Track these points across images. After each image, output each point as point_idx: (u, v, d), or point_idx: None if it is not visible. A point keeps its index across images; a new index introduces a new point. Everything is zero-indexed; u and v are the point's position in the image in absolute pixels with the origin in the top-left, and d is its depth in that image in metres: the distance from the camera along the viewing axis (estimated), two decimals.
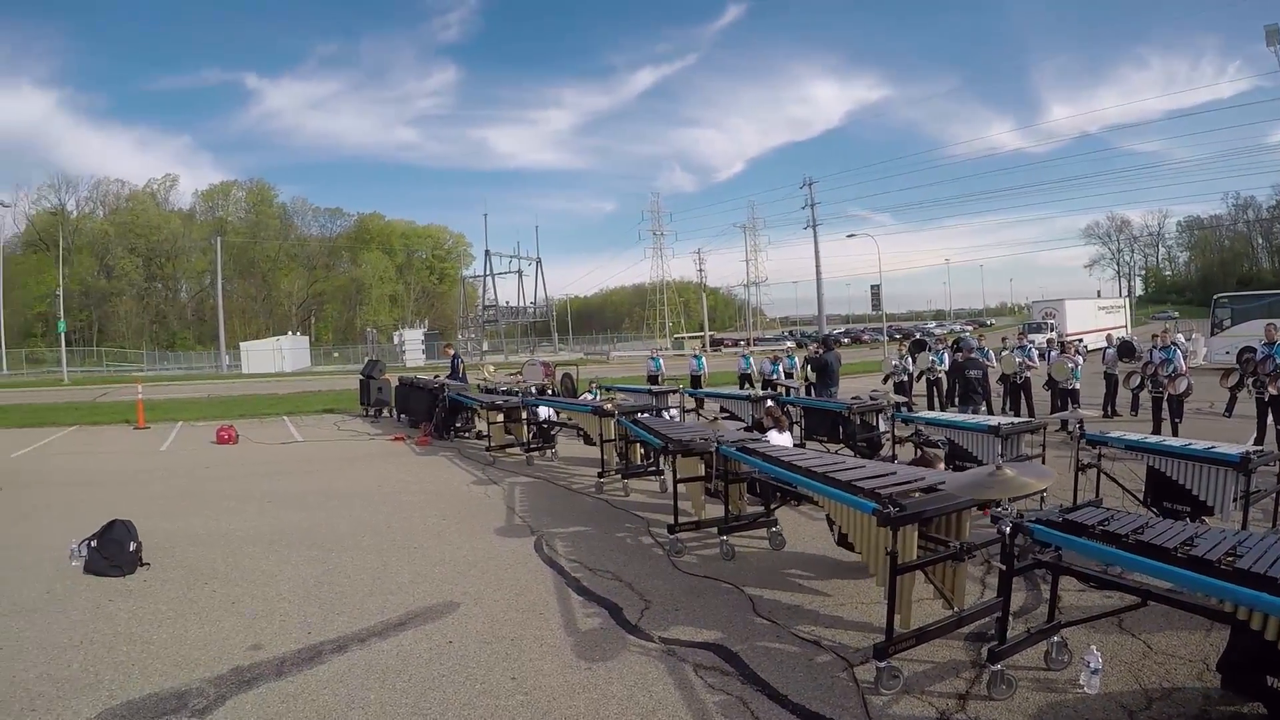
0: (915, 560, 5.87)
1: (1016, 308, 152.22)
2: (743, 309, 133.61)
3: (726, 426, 10.74)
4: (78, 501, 12.80)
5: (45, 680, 5.91)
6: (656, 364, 27.15)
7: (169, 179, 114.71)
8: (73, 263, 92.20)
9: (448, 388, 19.69)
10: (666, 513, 10.31)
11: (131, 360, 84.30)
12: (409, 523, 10.82)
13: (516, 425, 16.06)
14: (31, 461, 18.06)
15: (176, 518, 11.39)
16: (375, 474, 14.90)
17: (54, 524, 11.10)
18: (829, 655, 5.98)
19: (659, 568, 8.43)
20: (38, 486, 14.43)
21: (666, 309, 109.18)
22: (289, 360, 74.06)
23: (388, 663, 6.07)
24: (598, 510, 11.30)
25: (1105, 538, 5.03)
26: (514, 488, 13.05)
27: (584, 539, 9.67)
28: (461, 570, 8.48)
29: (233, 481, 14.48)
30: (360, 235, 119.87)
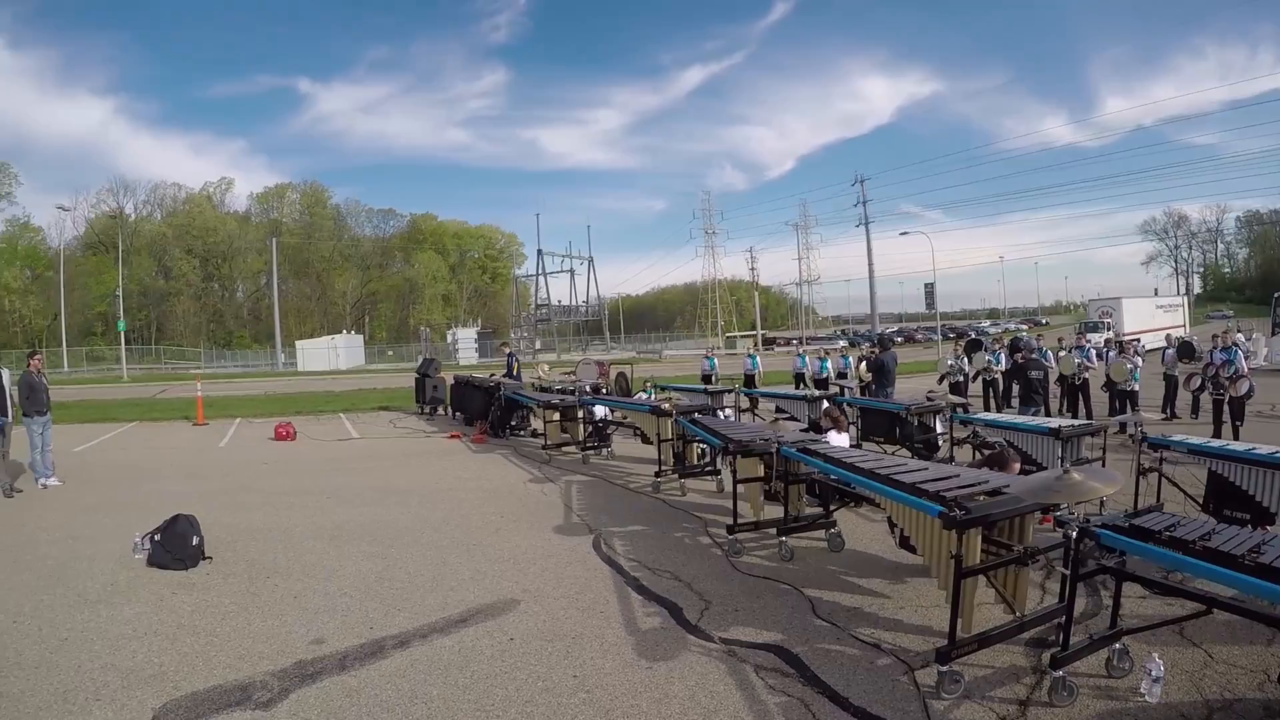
0: (979, 564, 5.79)
1: (1072, 306, 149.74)
2: (794, 308, 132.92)
3: (787, 427, 10.67)
4: (139, 495, 13.07)
5: (110, 670, 6.01)
6: (711, 363, 27.08)
7: (224, 182, 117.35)
8: (131, 264, 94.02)
9: (504, 386, 19.84)
10: (724, 513, 10.32)
11: (189, 358, 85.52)
12: (467, 519, 10.89)
13: (572, 424, 16.12)
14: (94, 455, 18.46)
15: (238, 512, 11.57)
16: (432, 471, 15.03)
17: (117, 517, 11.34)
18: (889, 658, 5.91)
19: (718, 568, 8.39)
20: (100, 480, 14.73)
21: (719, 308, 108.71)
22: (344, 358, 74.84)
23: (450, 659, 6.08)
24: (655, 510, 11.29)
25: (1172, 544, 4.94)
26: (571, 486, 13.08)
27: (642, 538, 9.66)
28: (521, 567, 8.50)
29: (292, 477, 14.72)
30: (413, 235, 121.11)
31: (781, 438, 9.13)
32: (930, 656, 5.71)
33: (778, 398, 18.21)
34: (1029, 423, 11.44)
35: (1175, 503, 8.72)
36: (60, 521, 11.31)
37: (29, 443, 13.89)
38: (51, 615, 7.31)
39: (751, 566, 8.42)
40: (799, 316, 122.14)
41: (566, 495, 12.39)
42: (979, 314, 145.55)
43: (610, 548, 9.25)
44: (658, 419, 12.81)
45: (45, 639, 6.71)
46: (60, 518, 11.56)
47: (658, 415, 12.82)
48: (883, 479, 6.78)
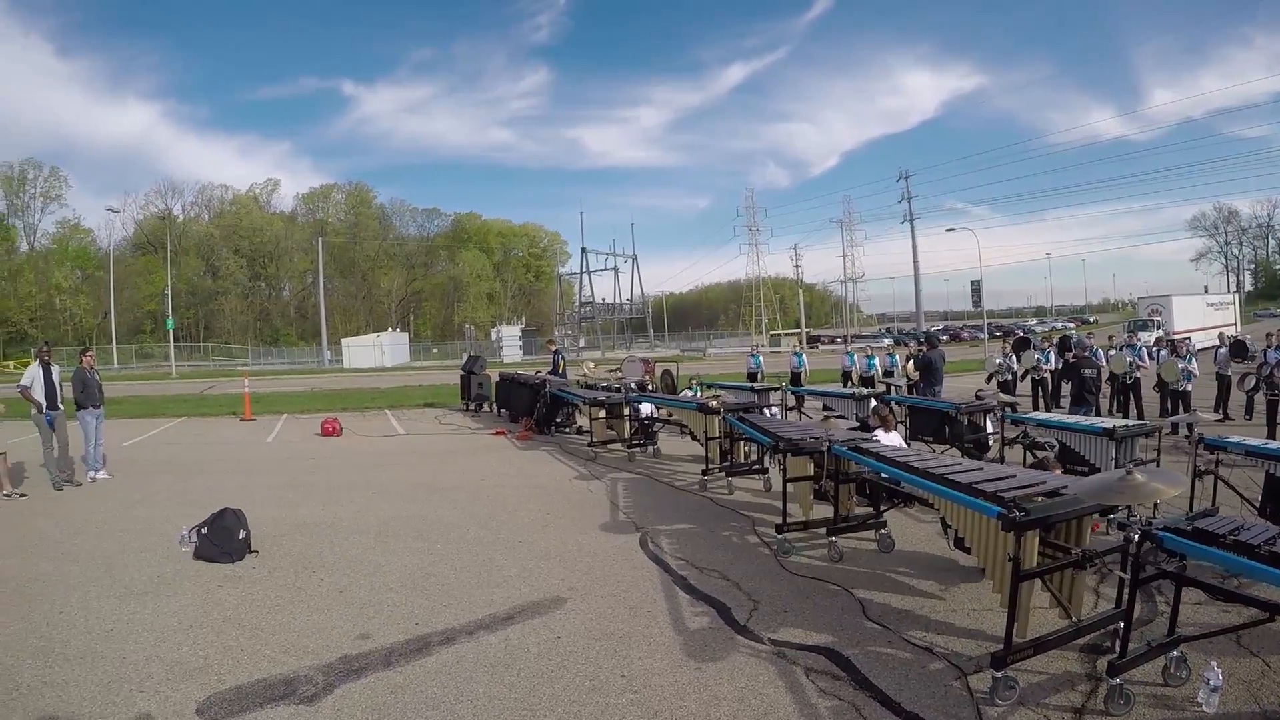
0: (1037, 567, 5.62)
1: (1120, 304, 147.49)
2: (838, 305, 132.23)
3: (838, 425, 10.51)
4: (187, 489, 13.18)
5: (154, 662, 5.99)
6: (756, 361, 26.95)
7: (270, 183, 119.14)
8: (180, 264, 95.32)
9: (549, 383, 19.77)
10: (771, 512, 10.24)
11: (237, 355, 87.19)
12: (513, 516, 10.83)
13: (618, 421, 16.05)
14: (143, 450, 18.65)
15: (284, 507, 11.62)
16: (478, 467, 15.00)
17: (164, 510, 11.47)
18: (942, 662, 5.76)
19: (766, 568, 8.25)
20: (149, 474, 14.86)
21: (763, 306, 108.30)
22: (389, 356, 75.41)
23: (496, 656, 6.00)
24: (702, 508, 11.15)
25: (1237, 548, 4.74)
26: (616, 483, 12.99)
27: (689, 537, 9.53)
28: (567, 565, 8.41)
29: (338, 472, 14.76)
30: (457, 234, 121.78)
31: (832, 436, 9.00)
32: (984, 661, 5.58)
33: (824, 396, 18.06)
34: (1082, 423, 11.18)
35: (1230, 506, 8.41)
36: (109, 514, 11.41)
37: (82, 436, 14.03)
38: (98, 607, 7.33)
39: (800, 566, 8.28)
40: (843, 314, 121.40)
41: (613, 493, 12.29)
42: (1025, 312, 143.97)
43: (657, 546, 9.14)
44: (705, 417, 12.68)
45: (91, 630, 6.72)
46: (109, 511, 11.67)
47: (705, 413, 12.70)
48: (937, 479, 6.63)
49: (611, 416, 16.16)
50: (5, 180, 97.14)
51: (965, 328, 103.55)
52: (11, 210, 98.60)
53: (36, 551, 9.44)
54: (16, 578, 8.35)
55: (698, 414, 12.98)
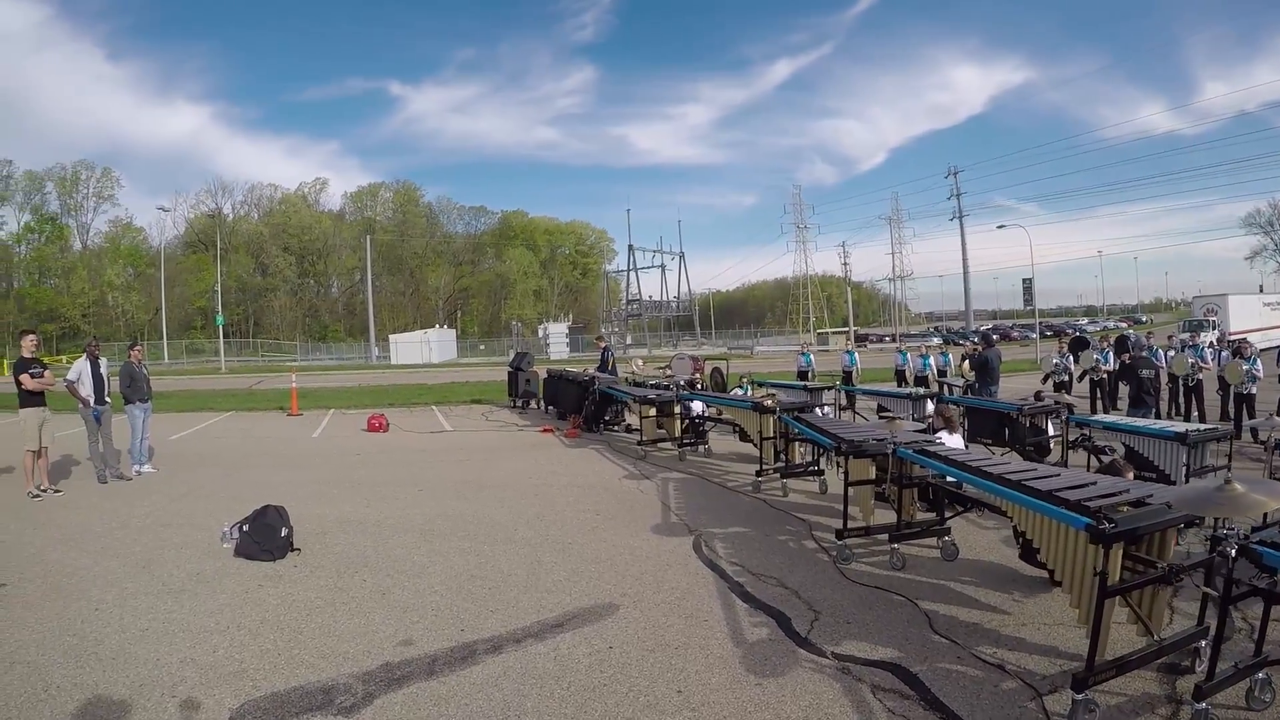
0: (1124, 582, 5.22)
1: (1172, 303, 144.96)
2: (885, 304, 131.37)
3: (902, 426, 10.07)
4: (231, 484, 13.03)
5: (189, 665, 5.75)
6: (807, 359, 26.44)
7: (319, 182, 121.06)
8: (230, 261, 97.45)
9: (598, 380, 19.44)
10: (829, 515, 9.94)
11: (285, 351, 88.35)
12: (562, 516, 10.50)
13: (669, 420, 15.65)
14: (189, 444, 18.58)
15: (328, 503, 11.40)
16: (526, 465, 14.69)
17: (207, 505, 11.31)
18: (1015, 681, 5.35)
19: (826, 575, 7.86)
20: (194, 468, 14.75)
21: (811, 304, 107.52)
22: (436, 352, 75.67)
23: (545, 667, 5.68)
24: (756, 510, 10.75)
25: None
26: (667, 483, 12.62)
27: (744, 541, 9.15)
28: (619, 569, 8.07)
29: (383, 469, 14.54)
30: (504, 232, 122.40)
31: (897, 438, 8.62)
32: (1060, 681, 5.28)
33: (879, 395, 17.59)
34: (1151, 426, 10.73)
35: None
36: (151, 509, 11.25)
37: (130, 429, 13.95)
38: (134, 604, 7.12)
39: (861, 574, 7.88)
40: (891, 313, 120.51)
41: (664, 493, 11.93)
42: (1074, 311, 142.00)
43: (712, 550, 8.77)
44: (760, 416, 12.24)
45: (126, 629, 6.50)
46: (152, 505, 11.50)
47: (760, 412, 12.26)
48: (1014, 485, 6.21)
49: (662, 415, 15.78)
50: (59, 181, 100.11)
51: (1015, 327, 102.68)
52: (65, 210, 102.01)
53: (77, 545, 9.27)
54: (55, 572, 8.18)
55: (752, 413, 12.54)
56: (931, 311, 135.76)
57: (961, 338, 77.46)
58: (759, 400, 12.77)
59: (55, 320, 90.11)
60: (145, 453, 14.17)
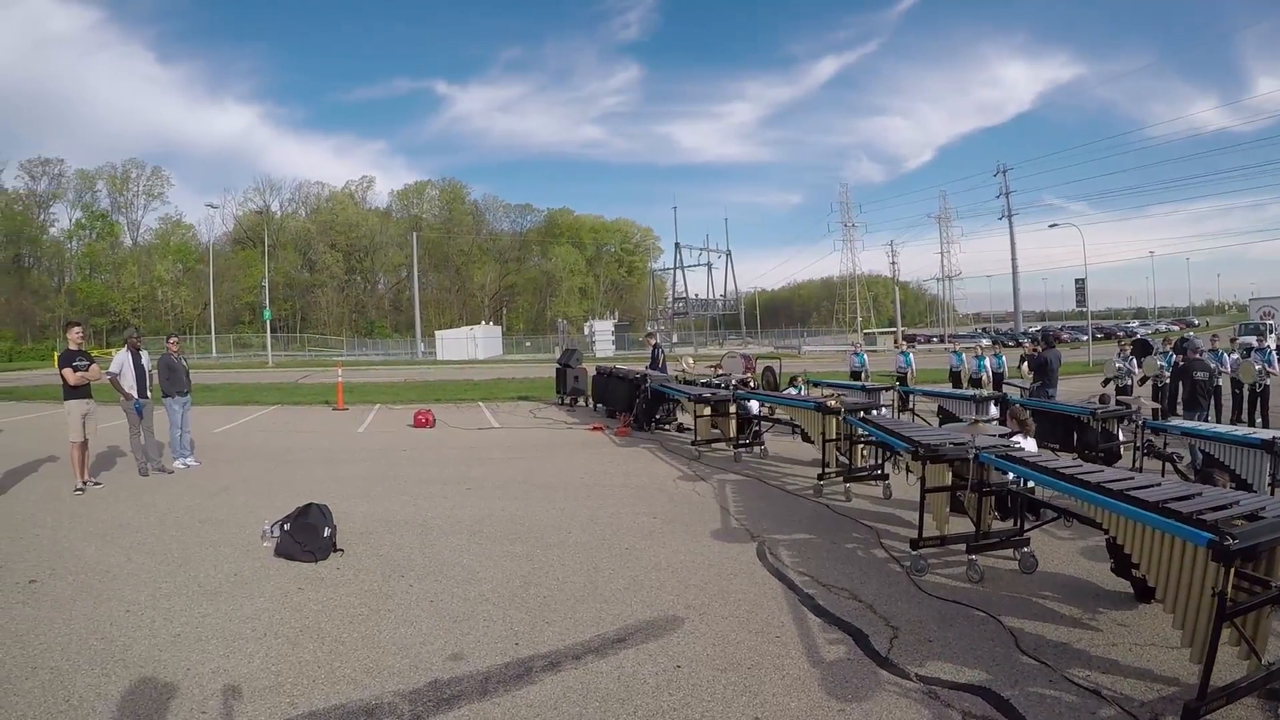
0: (1240, 603, 4.82)
1: (1225, 306, 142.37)
2: (932, 304, 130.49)
3: (985, 430, 9.39)
4: (274, 479, 12.71)
5: (220, 675, 5.36)
6: (860, 359, 25.75)
7: (366, 180, 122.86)
8: (277, 258, 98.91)
9: (650, 378, 18.90)
10: (895, 522, 9.51)
11: (332, 346, 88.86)
12: (617, 519, 9.99)
13: (723, 419, 15.13)
14: (233, 438, 18.33)
15: (373, 501, 11.00)
16: (576, 464, 14.20)
17: (249, 500, 10.99)
18: (1113, 708, 4.86)
19: (900, 588, 7.32)
20: (237, 462, 14.46)
21: (858, 303, 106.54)
22: (482, 348, 75.50)
23: (608, 688, 5.18)
24: (819, 516, 10.20)
25: None
26: (724, 485, 12.08)
27: (810, 548, 8.62)
28: (681, 578, 7.56)
29: (430, 466, 14.11)
30: (550, 230, 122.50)
31: (977, 442, 8.05)
32: (1163, 709, 4.90)
33: (939, 397, 16.91)
34: (1235, 433, 10.05)
35: None
36: (192, 503, 10.91)
37: (169, 422, 13.70)
38: (168, 606, 6.74)
39: (937, 587, 7.34)
40: (938, 313, 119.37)
41: (721, 495, 11.40)
42: (1124, 313, 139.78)
43: (777, 558, 8.23)
44: (823, 417, 11.67)
45: (157, 633, 6.11)
46: (192, 499, 11.17)
47: (824, 413, 11.66)
48: (1118, 495, 5.67)
49: (717, 415, 15.25)
50: (110, 179, 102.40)
51: (1065, 328, 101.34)
52: (115, 207, 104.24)
53: (113, 541, 8.94)
54: (88, 569, 7.84)
55: (814, 414, 11.94)
56: (978, 312, 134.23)
57: (1011, 339, 76.56)
58: (822, 400, 12.18)
59: (105, 314, 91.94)
60: (187, 446, 13.89)
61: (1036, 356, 17.96)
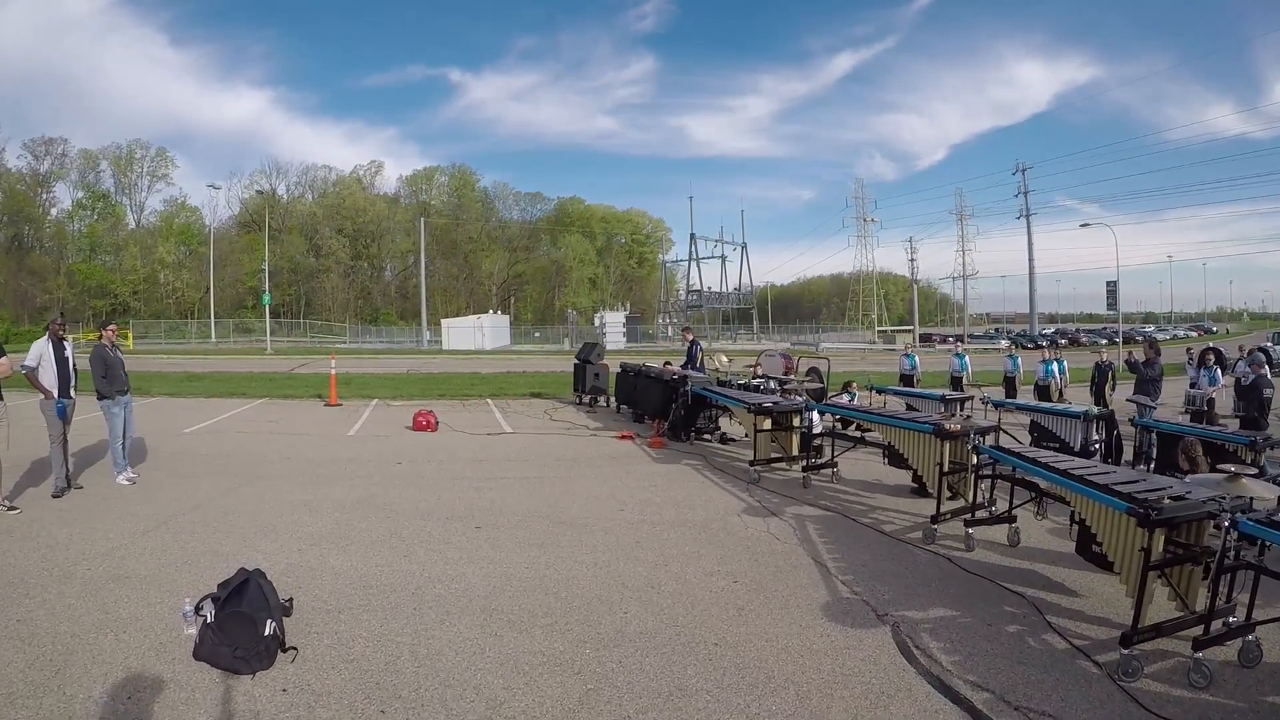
0: None
1: (1238, 312, 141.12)
2: (942, 303, 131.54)
3: (1250, 486, 6.43)
4: (233, 505, 10.07)
5: None
6: (911, 361, 23.08)
7: (374, 165, 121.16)
8: (283, 242, 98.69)
9: (691, 380, 16.13)
10: (1046, 586, 7.41)
11: (336, 333, 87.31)
12: (684, 583, 7.33)
13: (786, 434, 12.63)
14: (203, 440, 15.67)
15: (351, 547, 8.30)
16: (610, 487, 11.57)
17: (191, 542, 8.36)
18: None
19: (1114, 704, 5.01)
20: (194, 477, 11.80)
21: (875, 300, 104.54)
22: (489, 338, 73.43)
23: None
24: (947, 575, 7.70)
25: None
26: (804, 524, 9.51)
27: (963, 635, 6.15)
28: (804, 695, 5.03)
29: (429, 488, 11.43)
30: (560, 219, 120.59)
31: (1237, 502, 5.51)
32: None
33: (1034, 410, 14.17)
34: None
35: None
36: (115, 544, 8.24)
37: (109, 431, 11.11)
38: None
39: (1162, 700, 5.03)
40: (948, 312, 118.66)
41: (806, 540, 8.81)
42: (1133, 317, 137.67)
43: (927, 654, 5.74)
44: (943, 444, 9.09)
45: None
46: (118, 537, 8.50)
47: (942, 437, 9.04)
48: None
49: (778, 428, 12.69)
50: (114, 159, 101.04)
51: (1082, 331, 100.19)
52: (119, 188, 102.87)
53: None
54: None
55: (929, 438, 9.34)
56: (989, 312, 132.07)
57: (1029, 341, 74.95)
58: (942, 421, 9.48)
59: (105, 297, 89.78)
60: (126, 458, 11.35)
61: (1145, 364, 15.61)
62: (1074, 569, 7.76)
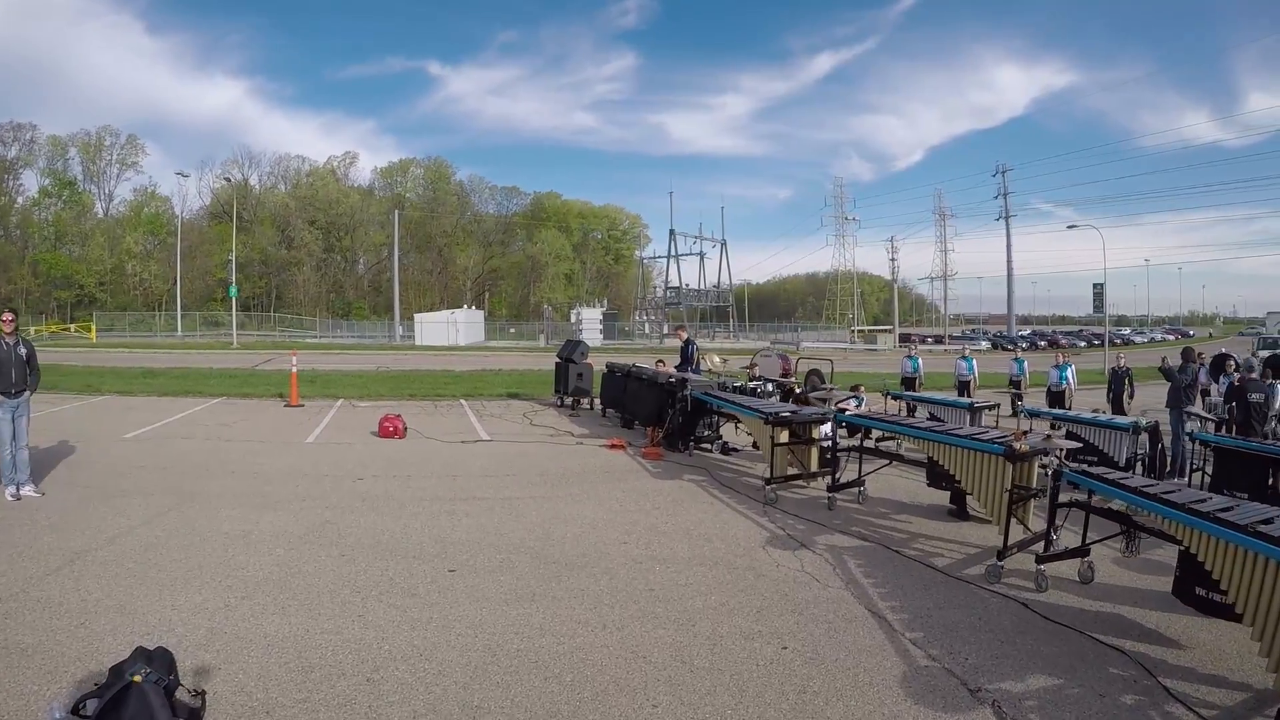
0: None
1: (1211, 317, 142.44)
2: (917, 304, 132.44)
3: None
4: (160, 536, 8.38)
5: None
6: (914, 364, 21.65)
7: (349, 156, 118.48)
8: (254, 233, 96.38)
9: (691, 384, 14.45)
10: (1142, 637, 6.23)
11: (306, 327, 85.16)
12: (719, 648, 5.78)
13: (805, 448, 11.16)
14: (144, 447, 13.97)
15: (293, 600, 6.59)
16: (607, 511, 10.01)
17: (96, 593, 6.62)
18: None
19: None
20: (121, 496, 10.09)
21: (855, 300, 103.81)
22: (463, 334, 71.84)
23: None
24: (1023, 624, 6.35)
25: None
26: (842, 558, 8.03)
27: (1076, 711, 4.87)
28: None
29: (392, 512, 9.72)
30: (536, 213, 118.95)
31: None
32: None
33: (1072, 421, 12.76)
34: None
35: None
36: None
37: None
38: None
39: None
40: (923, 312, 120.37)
41: (851, 581, 7.32)
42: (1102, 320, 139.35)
43: None
44: (1016, 466, 7.59)
45: None
46: (1, 586, 6.79)
47: (1013, 459, 7.57)
48: None
49: (797, 441, 11.21)
50: (82, 146, 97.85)
51: (1060, 333, 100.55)
52: (88, 176, 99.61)
53: None
54: None
55: (993, 459, 7.91)
56: (960, 314, 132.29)
57: (1009, 342, 74.88)
58: (1013, 441, 7.93)
59: (70, 288, 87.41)
60: (23, 468, 9.80)
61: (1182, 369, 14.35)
62: (1162, 611, 6.74)
